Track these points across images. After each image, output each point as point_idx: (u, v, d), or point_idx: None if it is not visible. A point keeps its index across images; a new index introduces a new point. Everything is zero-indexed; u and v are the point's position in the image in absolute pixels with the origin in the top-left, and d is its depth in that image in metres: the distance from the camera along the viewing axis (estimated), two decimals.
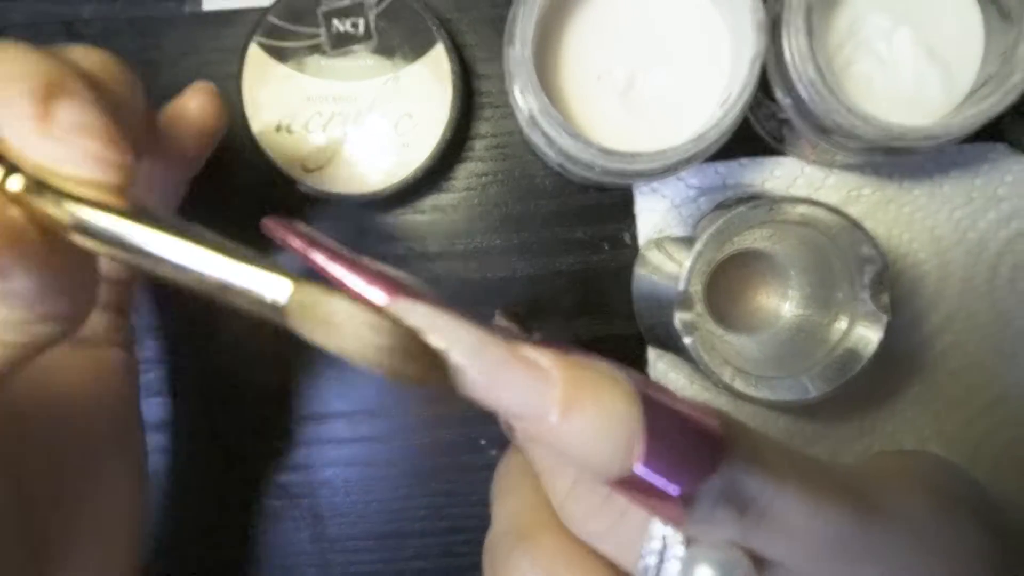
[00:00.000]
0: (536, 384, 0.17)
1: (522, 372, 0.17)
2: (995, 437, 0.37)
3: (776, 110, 0.33)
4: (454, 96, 0.35)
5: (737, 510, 0.17)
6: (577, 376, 0.17)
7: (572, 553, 0.19)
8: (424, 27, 0.35)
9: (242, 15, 0.38)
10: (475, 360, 0.17)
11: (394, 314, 0.18)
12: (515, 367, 0.17)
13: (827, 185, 0.37)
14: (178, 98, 0.31)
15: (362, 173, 0.35)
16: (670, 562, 0.18)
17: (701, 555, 0.18)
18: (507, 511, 0.22)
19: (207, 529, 0.39)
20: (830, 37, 0.33)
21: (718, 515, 0.17)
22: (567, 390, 0.17)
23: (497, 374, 0.17)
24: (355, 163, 0.35)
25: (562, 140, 0.30)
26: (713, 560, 0.18)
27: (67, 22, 0.38)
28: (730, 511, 0.17)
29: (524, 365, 0.17)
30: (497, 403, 0.18)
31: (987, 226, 0.37)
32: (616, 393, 0.17)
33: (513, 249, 0.38)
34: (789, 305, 0.36)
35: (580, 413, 0.17)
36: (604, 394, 0.17)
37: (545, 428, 0.17)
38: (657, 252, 0.35)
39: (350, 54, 0.35)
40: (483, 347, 0.17)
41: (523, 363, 0.17)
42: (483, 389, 0.17)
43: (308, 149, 0.35)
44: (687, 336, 0.30)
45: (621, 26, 0.33)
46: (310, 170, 0.35)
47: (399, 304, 0.18)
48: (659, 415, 0.17)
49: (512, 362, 0.17)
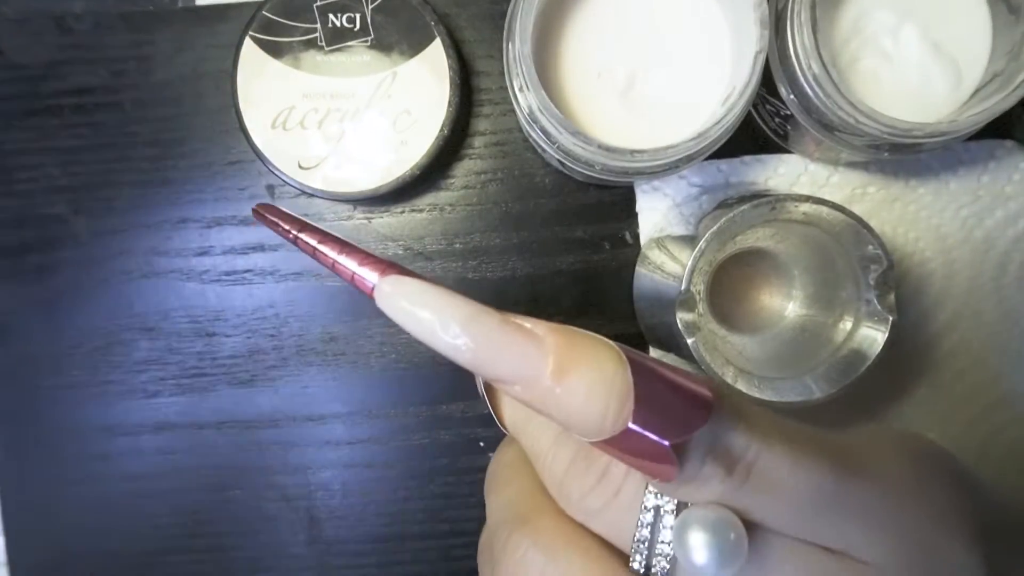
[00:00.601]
0: (530, 348, 0.18)
1: (516, 338, 0.18)
2: (1001, 436, 0.37)
3: (779, 107, 0.33)
4: (452, 93, 0.34)
5: (724, 468, 0.18)
6: (569, 340, 0.18)
7: (571, 533, 0.20)
8: (422, 23, 0.34)
9: (236, 10, 0.37)
10: (470, 328, 0.18)
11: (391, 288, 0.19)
12: (509, 333, 0.18)
13: (831, 183, 0.37)
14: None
15: (359, 171, 0.34)
16: (663, 531, 0.19)
17: (692, 518, 0.18)
18: (502, 502, 0.22)
19: (204, 532, 0.39)
20: (835, 33, 0.32)
21: (706, 472, 0.18)
22: (560, 353, 0.18)
23: (492, 341, 0.18)
24: (352, 161, 0.34)
25: (562, 138, 0.30)
26: (705, 521, 0.18)
27: (58, 17, 0.37)
28: (717, 468, 0.18)
29: (518, 331, 0.18)
30: (493, 369, 0.18)
31: (994, 224, 0.37)
32: (607, 354, 0.18)
33: (513, 248, 0.38)
34: (793, 305, 0.36)
35: (574, 373, 0.18)
36: (596, 355, 0.18)
37: (540, 390, 0.18)
38: (659, 251, 0.35)
39: (347, 50, 0.34)
40: (477, 315, 0.18)
41: (517, 329, 0.18)
42: (479, 357, 0.18)
43: (304, 147, 0.34)
44: (689, 337, 0.30)
45: (622, 22, 0.32)
46: (306, 168, 0.34)
47: (390, 279, 0.19)
48: (649, 376, 0.18)
49: (506, 329, 0.18)
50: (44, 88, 0.37)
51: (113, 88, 0.37)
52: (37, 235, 0.38)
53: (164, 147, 0.38)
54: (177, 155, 0.38)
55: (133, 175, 0.38)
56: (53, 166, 0.38)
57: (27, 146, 0.38)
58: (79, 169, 0.38)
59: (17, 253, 0.38)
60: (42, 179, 0.38)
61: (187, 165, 0.38)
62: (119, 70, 0.38)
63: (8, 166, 0.38)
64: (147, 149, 0.38)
